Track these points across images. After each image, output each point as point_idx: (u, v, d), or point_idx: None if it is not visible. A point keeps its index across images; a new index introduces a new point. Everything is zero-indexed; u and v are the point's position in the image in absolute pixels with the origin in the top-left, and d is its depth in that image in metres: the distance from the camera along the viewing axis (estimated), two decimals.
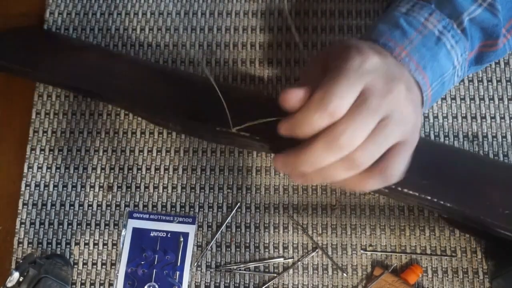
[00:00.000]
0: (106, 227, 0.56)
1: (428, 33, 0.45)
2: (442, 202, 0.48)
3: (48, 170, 0.58)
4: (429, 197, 0.48)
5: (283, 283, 0.54)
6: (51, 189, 0.57)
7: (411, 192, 0.47)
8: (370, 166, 0.40)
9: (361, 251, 0.55)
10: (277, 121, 0.41)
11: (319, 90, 0.39)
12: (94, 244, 0.56)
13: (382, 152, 0.40)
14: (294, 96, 0.39)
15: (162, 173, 0.57)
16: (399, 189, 0.47)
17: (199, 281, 0.55)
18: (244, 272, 0.54)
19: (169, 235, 0.55)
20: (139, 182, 0.57)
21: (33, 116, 0.60)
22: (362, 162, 0.39)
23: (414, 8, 0.46)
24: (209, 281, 0.55)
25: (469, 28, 0.46)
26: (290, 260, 0.55)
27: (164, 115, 0.53)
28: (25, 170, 0.58)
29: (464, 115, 0.58)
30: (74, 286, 0.55)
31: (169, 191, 0.57)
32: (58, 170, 0.58)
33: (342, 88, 0.38)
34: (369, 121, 0.39)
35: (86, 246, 0.56)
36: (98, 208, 0.57)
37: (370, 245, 0.55)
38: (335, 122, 0.39)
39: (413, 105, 0.42)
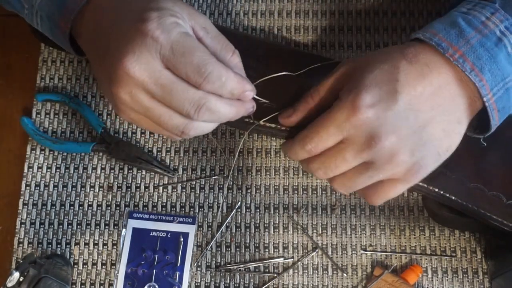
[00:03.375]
0: (106, 227, 0.56)
1: (489, 33, 0.41)
2: (447, 195, 0.48)
3: (48, 170, 0.58)
4: (436, 189, 0.48)
5: (283, 283, 0.54)
6: (51, 189, 0.57)
7: (420, 183, 0.48)
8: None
9: (361, 251, 0.55)
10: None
11: (306, 129, 0.44)
12: (94, 244, 0.56)
13: (365, 185, 0.44)
14: (287, 119, 0.48)
15: (162, 173, 0.57)
16: None
17: (199, 281, 0.55)
18: (244, 272, 0.54)
19: (169, 235, 0.55)
20: (139, 182, 0.57)
21: (33, 116, 0.60)
22: (341, 191, 0.45)
23: (476, 7, 0.43)
24: (209, 281, 0.55)
25: None
26: (290, 260, 0.55)
27: None
28: (25, 170, 0.58)
29: None
30: (74, 286, 0.55)
31: (169, 191, 0.57)
32: (58, 170, 0.58)
33: (321, 134, 0.43)
34: (340, 168, 0.43)
35: (86, 246, 0.56)
36: (98, 208, 0.57)
37: (370, 245, 0.55)
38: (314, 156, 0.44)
39: (415, 147, 0.41)
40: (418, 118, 0.41)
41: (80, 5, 0.44)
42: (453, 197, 0.48)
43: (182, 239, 0.55)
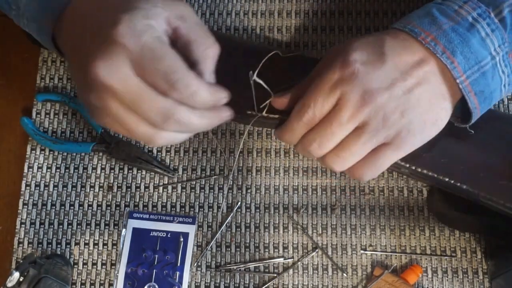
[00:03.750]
0: (106, 227, 0.56)
1: (461, 20, 0.43)
2: (458, 184, 0.48)
3: (48, 170, 0.58)
4: (446, 179, 0.48)
5: (283, 283, 0.54)
6: (51, 189, 0.57)
7: (430, 173, 0.48)
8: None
9: (361, 251, 0.55)
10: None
11: (299, 101, 0.44)
12: (94, 244, 0.56)
13: (358, 159, 0.44)
14: (280, 102, 0.48)
15: (162, 173, 0.57)
16: (419, 170, 0.48)
17: (199, 281, 0.55)
18: (244, 272, 0.54)
19: (169, 235, 0.55)
20: (139, 182, 0.57)
21: (33, 116, 0.60)
22: (335, 168, 0.45)
23: None
24: (209, 281, 0.55)
25: (510, 19, 0.44)
26: (290, 260, 0.55)
27: None
28: (25, 170, 0.58)
29: None
30: (74, 286, 0.55)
31: (169, 191, 0.57)
32: (58, 170, 0.58)
33: (316, 100, 0.43)
34: (336, 134, 0.43)
35: (86, 246, 0.56)
36: (98, 208, 0.57)
37: (370, 245, 0.55)
38: (309, 130, 0.44)
39: (404, 109, 0.42)
40: (406, 81, 0.43)
41: (62, 5, 0.44)
42: (459, 184, 0.48)
43: (182, 239, 0.55)
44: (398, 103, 0.42)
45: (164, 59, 0.38)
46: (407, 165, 0.48)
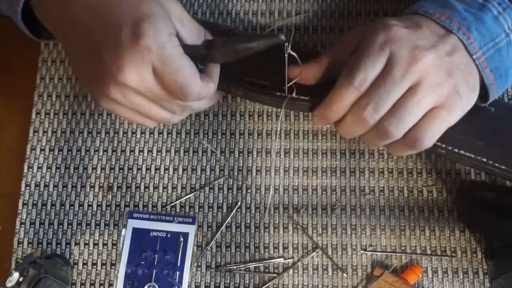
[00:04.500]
0: (106, 227, 0.56)
1: (471, 1, 0.45)
2: (497, 165, 0.48)
3: (48, 170, 0.58)
4: (484, 159, 0.48)
5: (283, 283, 0.54)
6: (51, 189, 0.57)
7: (467, 154, 0.48)
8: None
9: (361, 251, 0.55)
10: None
11: (346, 67, 0.44)
12: (94, 244, 0.56)
13: (415, 120, 0.43)
14: (311, 73, 0.48)
15: (162, 173, 0.57)
16: (455, 150, 0.48)
17: (199, 281, 0.55)
18: (244, 272, 0.54)
19: (169, 235, 0.55)
20: (139, 182, 0.57)
21: (33, 116, 0.60)
22: (391, 131, 0.43)
23: None
24: (209, 281, 0.54)
25: None
26: (290, 260, 0.55)
27: (227, 80, 0.51)
28: (25, 170, 0.58)
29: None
30: (74, 286, 0.55)
31: (169, 191, 0.57)
32: (58, 170, 0.58)
33: (366, 62, 0.42)
34: (392, 93, 0.42)
35: (86, 246, 0.56)
36: (98, 208, 0.57)
37: (370, 245, 0.55)
38: (360, 96, 0.43)
39: (450, 69, 0.43)
40: (444, 44, 0.43)
41: None
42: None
43: (182, 239, 0.55)
44: (443, 63, 0.43)
45: (182, 73, 0.42)
46: (443, 145, 0.48)
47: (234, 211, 0.56)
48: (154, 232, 0.56)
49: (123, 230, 0.56)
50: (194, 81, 0.43)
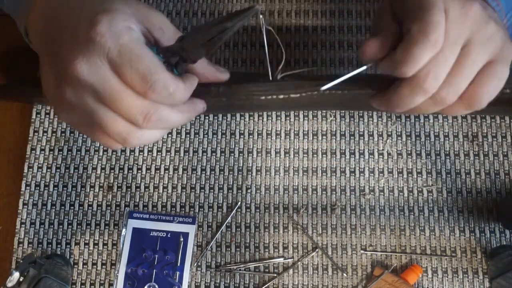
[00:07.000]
0: (106, 227, 0.56)
1: None
2: None
3: (48, 170, 0.58)
4: None
5: (283, 283, 0.54)
6: (51, 189, 0.57)
7: None
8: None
9: (361, 251, 0.55)
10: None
11: (415, 24, 0.40)
12: (94, 244, 0.56)
13: (470, 79, 0.41)
14: (372, 47, 0.42)
15: (162, 173, 0.57)
16: None
17: (199, 281, 0.55)
18: (244, 272, 0.54)
19: (169, 235, 0.55)
20: (139, 182, 0.57)
21: (33, 116, 0.60)
22: (449, 98, 0.41)
23: None
24: (209, 281, 0.55)
25: None
26: (290, 260, 0.55)
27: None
28: (25, 170, 0.58)
29: (464, 115, 0.58)
30: (74, 286, 0.55)
31: (169, 191, 0.57)
32: (58, 170, 0.58)
33: (437, 15, 0.39)
34: (450, 56, 0.40)
35: (86, 246, 0.56)
36: (98, 208, 0.57)
37: (370, 245, 0.55)
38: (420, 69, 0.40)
39: (495, 20, 0.41)
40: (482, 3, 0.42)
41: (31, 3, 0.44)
42: None
43: (182, 239, 0.55)
44: (490, 16, 0.41)
45: (142, 60, 0.38)
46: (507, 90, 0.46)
47: (234, 211, 0.56)
48: (154, 232, 0.56)
49: (123, 230, 0.56)
50: (159, 69, 0.38)
